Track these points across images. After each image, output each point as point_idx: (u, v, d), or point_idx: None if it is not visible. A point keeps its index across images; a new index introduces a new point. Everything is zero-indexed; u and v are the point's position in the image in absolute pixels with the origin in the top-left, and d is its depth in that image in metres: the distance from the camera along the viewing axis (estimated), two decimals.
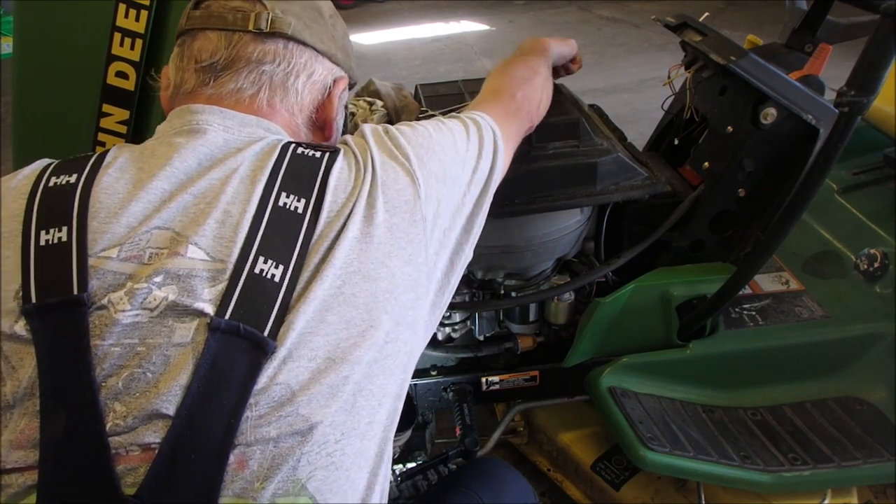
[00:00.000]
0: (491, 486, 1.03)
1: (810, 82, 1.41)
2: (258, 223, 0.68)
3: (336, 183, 0.72)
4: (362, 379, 0.67)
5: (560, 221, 1.26)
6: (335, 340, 0.66)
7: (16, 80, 1.40)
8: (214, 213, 0.68)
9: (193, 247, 0.66)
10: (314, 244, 0.68)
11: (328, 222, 0.70)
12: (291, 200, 0.70)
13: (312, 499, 0.63)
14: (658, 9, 5.18)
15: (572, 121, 1.19)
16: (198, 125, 0.74)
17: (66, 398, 0.60)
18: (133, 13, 1.30)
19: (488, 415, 1.80)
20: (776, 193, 1.30)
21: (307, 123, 0.85)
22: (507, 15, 5.96)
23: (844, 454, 1.24)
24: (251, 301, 0.64)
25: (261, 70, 0.79)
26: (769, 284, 1.49)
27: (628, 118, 3.26)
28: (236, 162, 0.72)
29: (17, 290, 0.64)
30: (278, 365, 0.63)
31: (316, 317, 0.65)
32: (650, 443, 1.23)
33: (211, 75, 0.78)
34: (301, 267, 0.67)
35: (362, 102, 1.30)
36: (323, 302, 0.66)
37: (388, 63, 4.86)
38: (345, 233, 0.69)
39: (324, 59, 0.84)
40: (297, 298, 0.65)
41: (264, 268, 0.65)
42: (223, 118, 0.76)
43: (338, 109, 0.87)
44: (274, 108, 0.80)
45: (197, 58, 0.79)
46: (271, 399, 0.62)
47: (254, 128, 0.76)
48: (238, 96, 0.78)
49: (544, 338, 1.42)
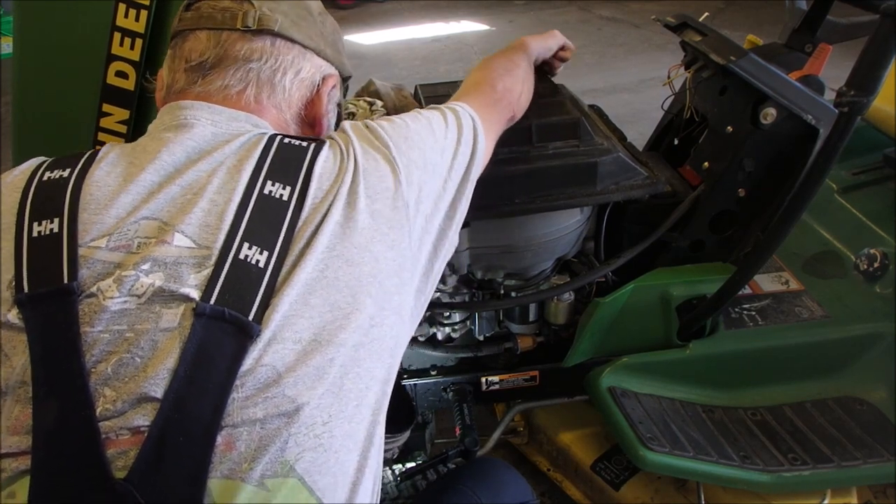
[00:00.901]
0: (490, 485, 1.03)
1: (810, 82, 1.41)
2: (243, 210, 0.69)
3: (321, 171, 0.74)
4: (348, 362, 0.68)
5: (560, 221, 1.26)
6: (320, 323, 0.67)
7: (16, 80, 1.40)
8: (201, 203, 0.69)
9: (180, 235, 0.67)
10: (299, 230, 0.70)
11: (313, 209, 0.71)
12: (277, 188, 0.71)
13: (301, 480, 0.64)
14: (658, 9, 5.19)
15: (572, 121, 1.19)
16: (186, 120, 0.76)
17: (58, 385, 0.62)
18: (133, 13, 1.30)
19: (488, 415, 1.80)
20: (776, 193, 1.30)
21: (296, 120, 0.86)
22: (507, 15, 5.95)
23: (844, 454, 1.24)
24: (236, 286, 0.65)
25: (248, 67, 0.80)
26: (769, 284, 1.49)
27: (628, 118, 3.26)
28: (223, 154, 0.73)
29: (11, 280, 0.66)
30: (263, 347, 0.64)
31: (300, 300, 0.67)
32: (650, 443, 1.23)
33: (200, 74, 0.80)
34: (286, 252, 0.68)
35: (362, 102, 1.30)
36: (306, 285, 0.67)
37: (388, 63, 4.85)
38: (328, 218, 0.71)
39: (312, 56, 0.86)
40: (281, 283, 0.67)
41: (249, 253, 0.67)
42: (211, 113, 0.77)
43: (327, 106, 0.88)
44: (262, 105, 0.81)
45: (187, 58, 0.81)
46: (257, 381, 0.63)
47: (242, 122, 0.78)
48: (225, 93, 0.79)
49: (544, 338, 1.42)
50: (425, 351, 1.39)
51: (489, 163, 0.97)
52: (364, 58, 4.95)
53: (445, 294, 1.33)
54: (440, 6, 6.25)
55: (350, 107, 1.29)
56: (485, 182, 0.95)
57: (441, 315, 1.35)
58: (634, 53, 4.80)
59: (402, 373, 1.42)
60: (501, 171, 1.15)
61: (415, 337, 1.39)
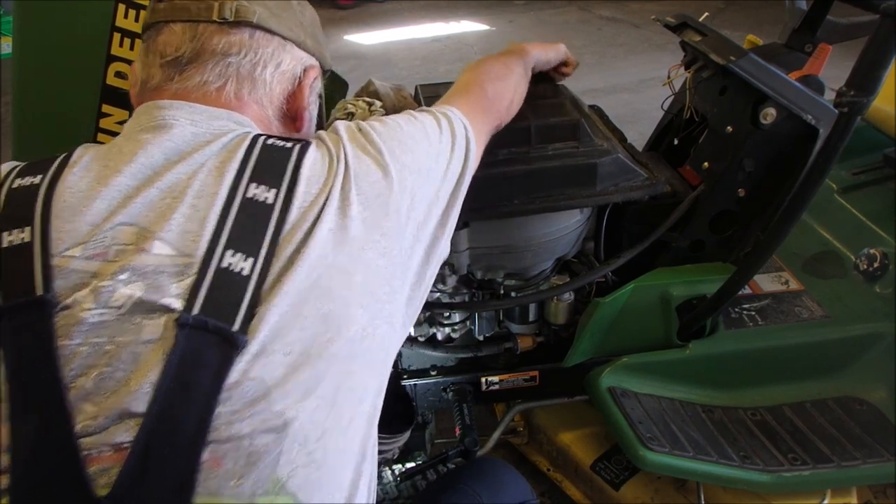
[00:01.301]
0: (489, 484, 1.03)
1: (810, 82, 1.41)
2: (226, 216, 0.66)
3: (309, 173, 0.71)
4: (341, 375, 0.66)
5: (560, 221, 1.26)
6: (311, 335, 0.65)
7: (16, 80, 1.40)
8: (181, 208, 0.66)
9: (159, 242, 0.65)
10: (286, 235, 0.67)
11: (302, 213, 0.68)
12: (261, 191, 0.68)
13: (294, 497, 0.62)
14: (658, 9, 5.18)
15: (572, 122, 1.19)
16: (164, 120, 0.73)
17: (35, 400, 0.60)
18: (133, 13, 1.30)
19: (488, 415, 1.80)
20: (776, 193, 1.30)
21: (278, 115, 0.83)
22: (507, 15, 5.95)
23: (844, 454, 1.24)
24: (220, 295, 0.63)
25: (226, 62, 0.77)
26: (769, 284, 1.49)
27: (628, 118, 3.26)
28: (204, 155, 0.70)
29: None
30: (251, 359, 0.62)
31: (291, 310, 0.64)
32: (650, 443, 1.23)
33: (176, 70, 0.77)
34: (272, 258, 0.65)
35: (361, 103, 1.30)
36: (298, 295, 0.65)
37: (388, 63, 4.85)
38: (319, 224, 0.68)
39: (293, 48, 0.83)
40: (269, 290, 0.64)
41: (233, 261, 0.64)
42: (191, 112, 0.74)
43: (309, 99, 0.86)
44: (242, 101, 0.78)
45: (162, 52, 0.77)
46: (244, 395, 0.61)
47: (223, 121, 0.75)
48: (205, 89, 0.76)
49: (544, 338, 1.42)
50: (425, 351, 1.39)
51: (488, 163, 0.97)
52: (364, 58, 4.95)
53: (445, 294, 1.33)
54: (440, 6, 6.25)
55: (349, 107, 1.29)
56: (484, 182, 0.95)
57: (441, 315, 1.35)
58: (634, 53, 4.80)
59: (402, 373, 1.42)
60: (501, 172, 1.14)
61: (415, 337, 1.39)
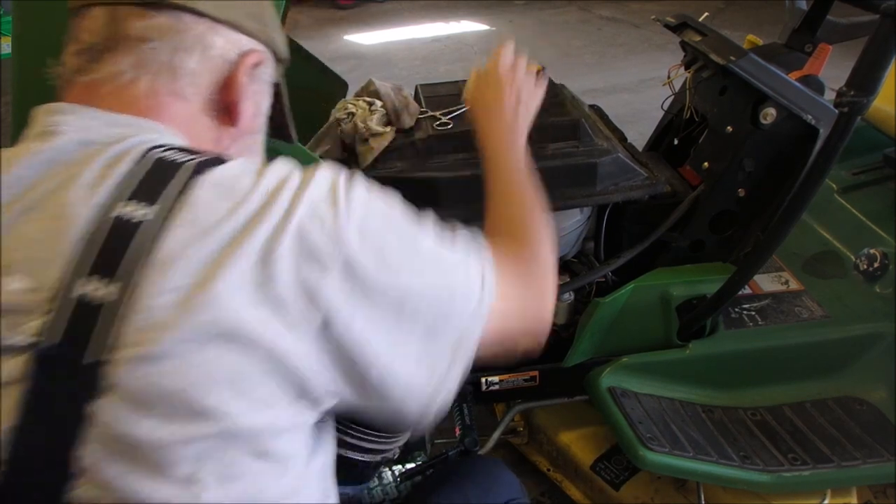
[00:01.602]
0: (479, 483, 1.01)
1: (810, 82, 1.41)
2: (92, 236, 0.57)
3: (208, 196, 0.58)
4: (215, 443, 0.56)
5: (560, 221, 1.26)
6: (184, 384, 0.55)
7: (15, 80, 1.40)
8: (39, 231, 0.58)
9: (9, 278, 0.56)
10: (162, 261, 0.56)
11: (187, 240, 0.56)
12: (138, 209, 0.57)
13: None
14: (658, 9, 5.18)
15: (572, 121, 1.19)
16: (53, 127, 0.64)
17: None
18: None
19: (488, 415, 1.80)
20: (776, 193, 1.31)
21: (208, 108, 0.72)
22: (507, 15, 5.95)
23: (844, 454, 1.24)
24: (79, 327, 0.55)
25: (143, 49, 0.67)
26: (769, 284, 1.49)
27: (628, 118, 3.26)
28: (81, 167, 0.60)
29: None
30: (116, 399, 0.54)
31: (170, 350, 0.54)
32: (650, 443, 1.23)
33: (88, 60, 0.68)
34: (137, 286, 0.55)
35: (362, 102, 1.30)
36: (178, 337, 0.54)
37: (388, 63, 4.85)
38: (224, 265, 0.56)
39: (227, 31, 0.71)
40: (142, 323, 0.54)
41: (94, 287, 0.55)
42: (86, 118, 0.65)
43: (248, 88, 0.73)
44: (159, 98, 0.68)
45: (77, 38, 0.69)
46: (106, 436, 0.54)
47: (122, 128, 0.65)
48: (116, 82, 0.67)
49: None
50: None
51: None
52: (364, 58, 4.95)
53: None
54: (440, 6, 6.25)
55: (350, 107, 1.29)
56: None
57: None
58: (634, 53, 4.80)
59: None
60: None
61: None
